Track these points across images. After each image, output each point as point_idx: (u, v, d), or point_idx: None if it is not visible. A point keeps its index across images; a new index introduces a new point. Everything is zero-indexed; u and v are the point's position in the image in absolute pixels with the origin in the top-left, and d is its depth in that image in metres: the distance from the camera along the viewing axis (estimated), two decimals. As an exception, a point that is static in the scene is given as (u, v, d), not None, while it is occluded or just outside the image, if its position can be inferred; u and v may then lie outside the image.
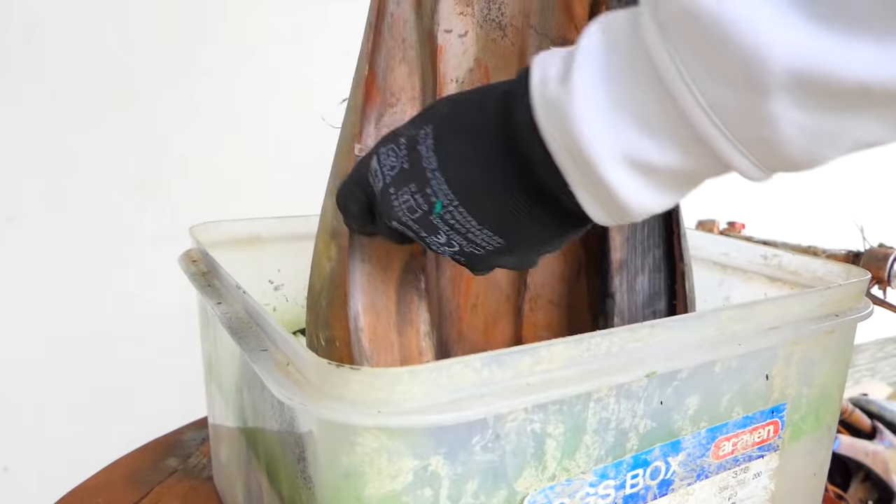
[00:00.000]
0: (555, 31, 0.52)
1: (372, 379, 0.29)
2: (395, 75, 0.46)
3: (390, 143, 0.36)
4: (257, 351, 0.35)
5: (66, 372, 1.10)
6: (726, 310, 0.39)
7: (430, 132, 0.34)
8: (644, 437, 0.38)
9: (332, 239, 0.46)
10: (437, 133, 0.34)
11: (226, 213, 0.62)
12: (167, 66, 1.10)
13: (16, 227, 1.04)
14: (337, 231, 0.45)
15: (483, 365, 0.31)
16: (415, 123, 0.36)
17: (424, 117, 0.36)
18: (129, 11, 1.05)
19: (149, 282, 1.11)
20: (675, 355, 0.37)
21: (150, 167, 1.11)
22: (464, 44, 0.50)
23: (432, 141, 0.34)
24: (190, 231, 0.56)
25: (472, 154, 0.33)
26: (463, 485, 0.32)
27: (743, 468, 0.44)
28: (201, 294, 0.46)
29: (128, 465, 0.64)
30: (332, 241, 0.45)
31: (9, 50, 1.00)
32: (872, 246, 0.81)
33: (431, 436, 0.31)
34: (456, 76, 0.50)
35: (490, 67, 0.50)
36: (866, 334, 2.24)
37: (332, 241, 0.45)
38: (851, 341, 0.49)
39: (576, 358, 0.34)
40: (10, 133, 1.02)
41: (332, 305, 0.45)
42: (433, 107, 0.37)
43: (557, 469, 0.35)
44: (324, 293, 0.46)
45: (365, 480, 0.30)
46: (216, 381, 0.53)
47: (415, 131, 0.35)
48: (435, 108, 0.36)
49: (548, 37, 0.52)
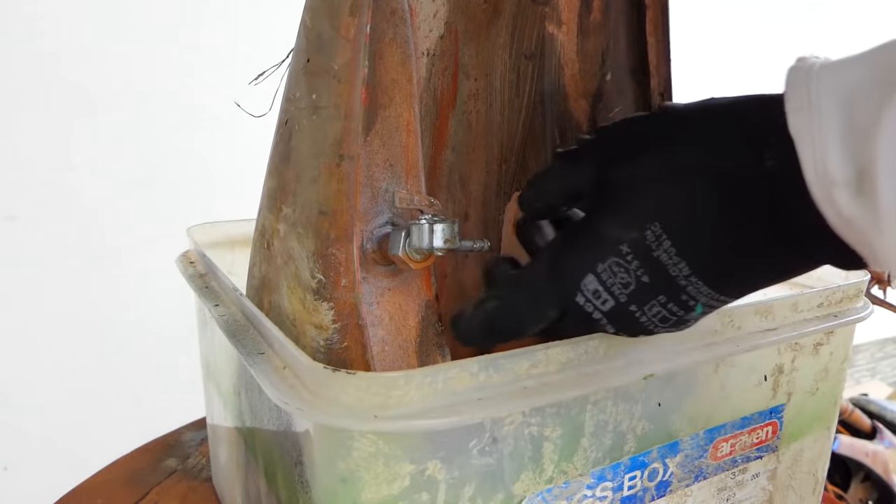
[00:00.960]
0: None
1: (368, 383, 0.29)
2: (386, 63, 0.35)
3: (609, 258, 0.30)
4: (254, 354, 0.35)
5: (65, 372, 1.10)
6: (724, 310, 0.39)
7: (661, 230, 0.29)
8: (642, 438, 0.38)
9: (316, 299, 0.35)
10: (672, 231, 0.29)
11: (224, 214, 0.62)
12: (167, 66, 1.09)
13: (16, 227, 1.05)
14: (325, 289, 0.35)
15: (480, 369, 0.31)
16: (624, 220, 0.30)
17: (637, 209, 0.29)
18: (128, 11, 1.05)
19: (149, 282, 1.11)
20: (672, 357, 0.37)
21: (150, 167, 1.11)
22: (434, 3, 0.40)
23: (670, 243, 0.29)
24: (187, 232, 0.56)
25: (726, 239, 0.28)
26: (460, 489, 0.32)
27: (741, 469, 0.44)
28: (199, 296, 0.46)
29: (127, 466, 0.64)
30: (319, 303, 0.35)
31: (9, 50, 1.00)
32: (872, 245, 0.81)
33: (428, 440, 0.31)
34: (427, 47, 0.40)
35: (460, 32, 0.42)
36: (866, 334, 2.24)
37: (319, 303, 0.35)
38: (851, 342, 0.49)
39: (573, 361, 0.34)
40: (10, 133, 1.02)
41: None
42: (631, 184, 0.30)
43: (555, 472, 0.35)
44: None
45: (362, 485, 0.30)
46: (214, 382, 0.53)
47: (637, 234, 0.29)
48: (642, 188, 0.29)
49: None
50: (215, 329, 0.46)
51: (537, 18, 0.45)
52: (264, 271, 0.39)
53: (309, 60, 0.36)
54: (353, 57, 0.33)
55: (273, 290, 0.38)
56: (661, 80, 0.47)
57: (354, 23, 0.33)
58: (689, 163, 0.29)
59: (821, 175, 0.25)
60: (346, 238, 0.34)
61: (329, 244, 0.34)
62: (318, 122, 0.35)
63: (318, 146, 0.35)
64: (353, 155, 0.34)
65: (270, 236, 0.38)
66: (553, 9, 0.45)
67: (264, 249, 0.39)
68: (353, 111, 0.34)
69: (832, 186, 0.25)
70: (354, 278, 0.34)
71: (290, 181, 0.37)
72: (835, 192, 0.24)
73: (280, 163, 0.38)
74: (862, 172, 0.24)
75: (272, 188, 0.39)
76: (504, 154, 0.46)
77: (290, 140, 0.37)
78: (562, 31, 0.46)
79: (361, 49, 0.33)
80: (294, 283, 0.36)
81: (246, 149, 1.14)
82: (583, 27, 0.46)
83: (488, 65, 0.44)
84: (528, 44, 0.45)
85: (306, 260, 0.35)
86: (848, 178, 0.24)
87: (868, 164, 0.23)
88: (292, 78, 0.38)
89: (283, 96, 0.39)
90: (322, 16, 0.35)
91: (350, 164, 0.34)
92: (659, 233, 0.29)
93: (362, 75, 0.33)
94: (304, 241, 0.36)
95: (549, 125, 0.47)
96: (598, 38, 0.47)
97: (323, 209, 0.35)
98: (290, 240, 0.36)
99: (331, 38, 0.34)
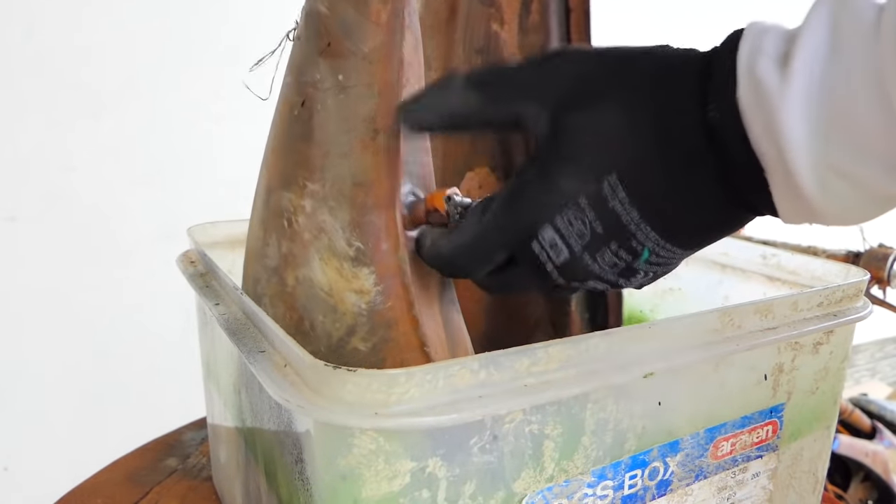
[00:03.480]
0: None
1: (369, 381, 0.29)
2: (405, 47, 0.38)
3: (567, 210, 0.31)
4: (255, 352, 0.35)
5: (65, 372, 1.10)
6: (725, 309, 0.39)
7: (617, 181, 0.30)
8: (642, 437, 0.38)
9: (355, 266, 0.37)
10: (627, 179, 0.30)
11: (224, 214, 0.62)
12: (167, 66, 1.10)
13: (16, 227, 1.05)
14: (364, 255, 0.37)
15: (480, 366, 0.31)
16: (581, 172, 0.31)
17: (594, 160, 0.30)
18: (129, 11, 1.06)
19: (149, 281, 1.11)
20: (673, 355, 0.37)
21: (150, 167, 1.11)
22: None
23: (625, 193, 0.30)
24: (188, 232, 0.56)
25: (674, 186, 0.30)
26: (461, 486, 0.32)
27: (742, 468, 0.44)
28: (199, 295, 0.46)
29: (127, 465, 0.64)
30: (358, 269, 0.37)
31: (9, 50, 1.00)
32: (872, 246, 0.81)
33: (429, 437, 0.31)
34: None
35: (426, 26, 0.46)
36: (866, 334, 2.24)
37: (358, 269, 0.37)
38: (850, 341, 0.49)
39: (574, 359, 0.34)
40: (11, 133, 1.02)
41: (381, 349, 0.38)
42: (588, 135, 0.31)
43: (555, 470, 0.35)
44: (359, 336, 0.38)
45: (362, 482, 0.30)
46: (215, 381, 0.53)
47: (595, 186, 0.30)
48: (599, 139, 0.31)
49: None
50: (216, 328, 0.46)
51: (484, 17, 0.51)
52: (286, 249, 0.40)
53: (329, 45, 0.38)
54: (386, 39, 0.37)
55: (300, 266, 0.39)
56: (583, 72, 0.55)
57: (386, 9, 0.37)
58: (641, 113, 0.30)
59: (754, 49, 0.28)
60: (385, 205, 0.37)
61: (366, 212, 0.37)
62: (346, 100, 0.38)
63: (349, 123, 0.38)
64: (388, 129, 0.37)
65: (292, 214, 0.39)
66: (497, 9, 0.52)
67: (285, 228, 0.40)
68: (388, 89, 0.37)
69: (758, 55, 0.28)
70: (399, 241, 0.38)
71: (316, 158, 0.39)
72: (758, 59, 0.28)
73: (298, 142, 0.40)
74: (788, 49, 0.27)
75: (286, 168, 0.40)
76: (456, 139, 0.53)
77: (312, 119, 0.39)
78: (504, 30, 0.52)
79: (396, 32, 0.37)
80: (328, 254, 0.38)
81: (246, 149, 1.15)
82: (523, 26, 0.53)
83: (446, 58, 0.50)
84: (477, 40, 0.51)
85: (341, 231, 0.38)
86: (777, 50, 0.27)
87: (794, 43, 0.27)
88: (305, 62, 0.39)
89: (293, 80, 0.41)
90: (343, 3, 0.37)
91: (385, 138, 0.37)
92: (615, 183, 0.30)
93: (399, 56, 0.37)
94: (338, 213, 0.38)
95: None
96: (536, 36, 0.53)
97: (358, 180, 0.37)
98: (321, 213, 0.38)
99: (359, 22, 0.37)
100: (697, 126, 0.29)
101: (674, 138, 0.30)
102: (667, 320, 0.37)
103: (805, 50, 0.27)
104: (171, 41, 1.09)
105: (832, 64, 0.26)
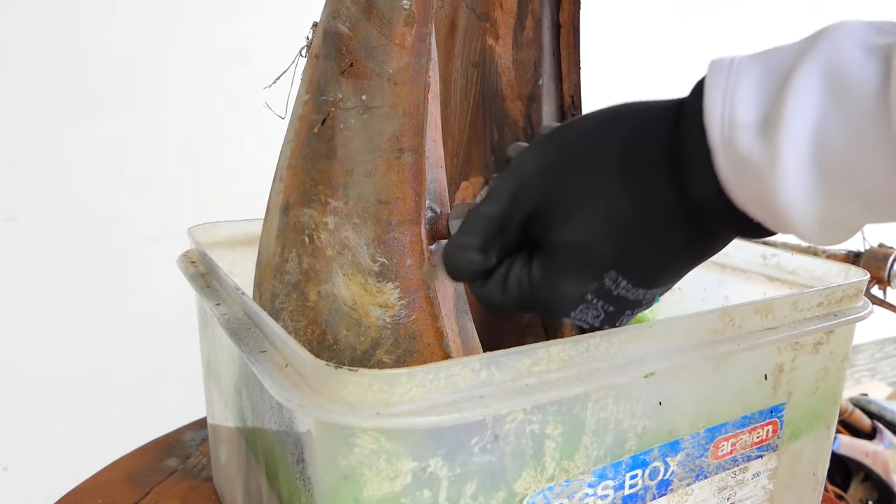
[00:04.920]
0: (480, 7, 0.51)
1: (370, 380, 0.29)
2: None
3: (580, 305, 0.33)
4: (256, 352, 0.35)
5: (65, 372, 1.10)
6: (725, 309, 0.39)
7: (616, 274, 0.32)
8: (643, 437, 0.38)
9: (380, 281, 0.38)
10: (624, 270, 0.32)
11: (225, 214, 0.62)
12: (167, 66, 1.10)
13: (16, 227, 1.05)
14: (389, 271, 0.38)
15: (481, 366, 0.31)
16: (582, 278, 0.33)
17: (591, 263, 0.32)
18: (129, 11, 1.06)
19: (149, 281, 1.11)
20: (673, 355, 0.37)
21: (150, 167, 1.11)
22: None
23: (626, 281, 0.32)
24: (188, 232, 0.56)
25: (668, 259, 0.33)
26: (462, 486, 0.32)
27: (742, 468, 0.44)
28: (200, 295, 0.46)
29: (127, 465, 0.64)
30: (383, 284, 0.38)
31: (9, 50, 1.00)
32: (872, 246, 0.81)
33: (430, 437, 0.31)
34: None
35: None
36: (866, 334, 2.24)
37: (383, 284, 0.38)
38: (850, 341, 0.49)
39: (574, 359, 0.34)
40: (10, 133, 1.02)
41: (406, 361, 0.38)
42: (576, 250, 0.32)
43: (556, 470, 0.35)
44: (384, 349, 0.38)
45: (364, 482, 0.30)
46: (215, 381, 0.53)
47: (598, 284, 0.33)
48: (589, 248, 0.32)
49: (474, 11, 0.51)
50: (216, 328, 0.46)
51: (480, 32, 0.52)
52: (307, 265, 0.40)
53: (352, 65, 0.38)
54: (411, 62, 0.38)
55: (323, 281, 0.39)
56: (571, 85, 0.56)
57: (411, 32, 0.37)
58: (621, 208, 0.31)
59: (726, 119, 0.27)
60: (409, 222, 0.38)
61: (390, 229, 0.38)
62: (370, 120, 0.38)
63: (373, 142, 0.38)
64: (413, 148, 0.38)
65: (314, 230, 0.40)
66: (492, 24, 0.53)
67: (306, 244, 0.40)
68: (413, 110, 0.38)
69: (734, 129, 0.27)
70: (423, 257, 0.38)
71: (339, 175, 0.39)
72: (737, 133, 0.27)
73: (319, 160, 0.40)
74: (767, 116, 0.27)
75: (306, 185, 0.41)
76: (455, 149, 0.53)
77: (334, 138, 0.39)
78: (499, 44, 0.54)
79: (423, 55, 0.38)
80: (352, 269, 0.39)
81: (246, 149, 1.15)
82: (517, 41, 0.55)
83: (446, 70, 0.50)
84: (474, 53, 0.53)
85: (365, 247, 0.38)
86: (753, 120, 0.27)
87: (776, 108, 0.26)
88: (325, 80, 0.40)
89: (312, 98, 0.41)
90: (366, 25, 0.38)
91: (410, 156, 0.38)
92: (614, 276, 0.32)
93: (424, 79, 0.38)
94: (362, 230, 0.38)
95: (489, 123, 0.55)
96: (530, 51, 0.55)
97: (382, 198, 0.38)
98: (345, 230, 0.39)
99: (383, 45, 0.38)
100: (680, 204, 0.31)
101: (660, 223, 0.31)
102: (667, 320, 0.37)
103: (798, 115, 0.26)
104: (171, 41, 1.09)
105: (833, 127, 0.26)
